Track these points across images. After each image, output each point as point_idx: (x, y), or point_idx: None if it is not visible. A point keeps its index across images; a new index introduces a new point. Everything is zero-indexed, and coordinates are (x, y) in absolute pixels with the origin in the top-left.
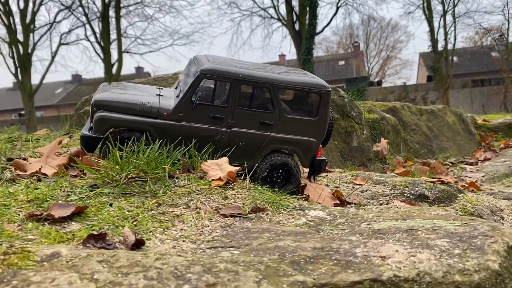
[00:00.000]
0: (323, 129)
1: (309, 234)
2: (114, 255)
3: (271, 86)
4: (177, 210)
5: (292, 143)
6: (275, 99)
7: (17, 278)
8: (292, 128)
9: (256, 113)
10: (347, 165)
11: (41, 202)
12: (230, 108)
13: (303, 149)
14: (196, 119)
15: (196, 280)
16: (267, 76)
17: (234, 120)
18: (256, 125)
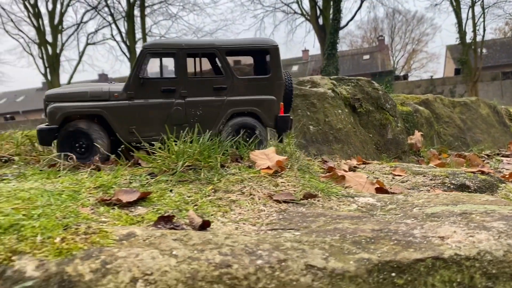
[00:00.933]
0: (279, 86)
1: (365, 218)
2: (186, 234)
3: (217, 49)
4: (232, 196)
5: (250, 103)
6: (224, 62)
7: (104, 254)
8: (248, 89)
9: (208, 79)
10: (382, 157)
11: (107, 189)
12: (180, 78)
13: (263, 108)
14: (148, 95)
15: (267, 256)
16: (212, 41)
17: (187, 90)
18: (210, 91)
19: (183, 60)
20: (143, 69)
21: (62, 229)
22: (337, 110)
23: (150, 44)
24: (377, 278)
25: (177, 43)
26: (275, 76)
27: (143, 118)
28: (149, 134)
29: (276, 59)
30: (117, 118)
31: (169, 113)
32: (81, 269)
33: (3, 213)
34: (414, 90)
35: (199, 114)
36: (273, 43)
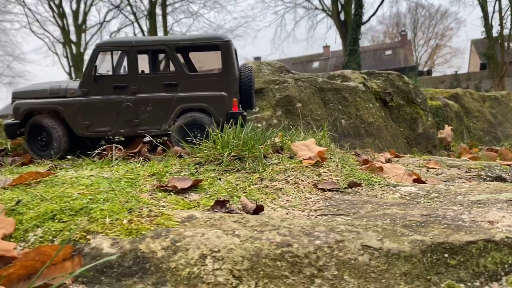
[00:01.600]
0: (231, 82)
1: (411, 205)
2: (244, 217)
3: (167, 46)
4: (278, 184)
5: (200, 99)
6: (174, 59)
7: (171, 233)
8: (198, 85)
9: (158, 76)
10: (413, 151)
11: (161, 177)
12: (131, 75)
13: (214, 104)
14: (100, 91)
15: (325, 237)
16: (162, 38)
17: (137, 87)
18: (161, 88)
19: (134, 58)
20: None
21: (127, 212)
22: (368, 104)
23: (102, 42)
24: (431, 259)
25: (128, 41)
26: (226, 72)
27: (95, 114)
28: (102, 129)
29: (227, 54)
30: (71, 113)
31: (120, 109)
32: (153, 247)
33: (72, 197)
34: (438, 86)
35: (149, 110)
36: (224, 38)
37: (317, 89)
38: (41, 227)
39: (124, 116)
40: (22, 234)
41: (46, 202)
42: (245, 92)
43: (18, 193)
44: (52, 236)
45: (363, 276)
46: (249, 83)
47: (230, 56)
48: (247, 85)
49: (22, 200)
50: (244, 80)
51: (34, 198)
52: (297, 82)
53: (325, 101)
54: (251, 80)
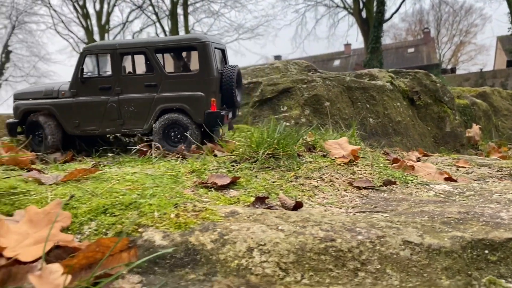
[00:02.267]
0: (209, 82)
1: (447, 202)
2: (285, 213)
3: (146, 48)
4: (313, 182)
5: (178, 99)
6: (154, 61)
7: (218, 227)
8: (177, 86)
9: (140, 77)
10: (440, 150)
11: (200, 174)
12: (115, 77)
13: (191, 104)
14: (88, 92)
15: (366, 232)
16: (141, 40)
17: (121, 88)
18: (142, 89)
19: (117, 60)
20: (82, 70)
21: (173, 207)
22: (396, 103)
23: (88, 46)
24: (471, 254)
25: (111, 44)
26: (204, 72)
27: (83, 113)
28: (89, 128)
29: (204, 55)
30: (62, 113)
31: (105, 109)
32: (203, 240)
33: (120, 193)
34: (462, 84)
35: (131, 110)
36: (201, 39)
37: (345, 88)
38: (94, 221)
39: (109, 116)
40: (78, 227)
41: (97, 197)
42: (227, 91)
43: (70, 188)
44: (106, 229)
45: (405, 270)
46: (230, 83)
47: (207, 57)
48: (229, 84)
49: (75, 195)
50: (225, 80)
51: (85, 193)
52: (325, 81)
53: (353, 100)
54: (232, 80)
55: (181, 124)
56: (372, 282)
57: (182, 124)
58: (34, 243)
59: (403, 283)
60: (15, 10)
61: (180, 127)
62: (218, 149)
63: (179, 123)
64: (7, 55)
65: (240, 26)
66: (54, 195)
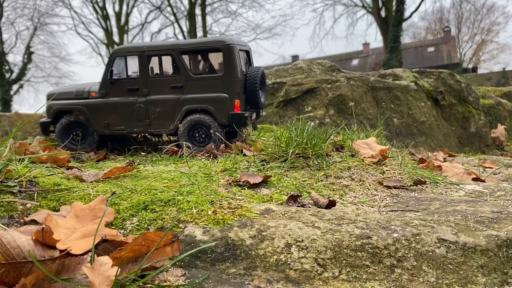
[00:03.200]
0: (233, 84)
1: (479, 202)
2: (319, 211)
3: (172, 51)
4: (343, 181)
5: (203, 101)
6: (180, 63)
7: (256, 224)
8: (202, 87)
9: (166, 79)
10: (465, 151)
11: (232, 172)
12: (143, 78)
13: (215, 105)
14: (117, 94)
15: (401, 230)
16: (169, 43)
17: (148, 89)
18: (168, 90)
19: (145, 62)
20: (111, 71)
21: (209, 204)
22: (420, 103)
23: (117, 48)
24: (507, 253)
25: (139, 47)
26: (228, 74)
27: (112, 114)
28: (118, 128)
29: (228, 57)
30: (92, 113)
31: (132, 110)
32: (242, 235)
33: (159, 190)
34: (484, 83)
35: (158, 111)
36: (226, 41)
37: (369, 88)
38: (135, 216)
39: (136, 116)
40: (121, 222)
41: (137, 194)
42: (251, 93)
43: (110, 185)
44: (147, 225)
45: (441, 267)
46: (254, 84)
47: (232, 59)
48: (253, 86)
49: (116, 192)
50: (249, 81)
51: (125, 190)
52: (349, 81)
53: (377, 100)
54: (256, 82)
55: (205, 124)
56: (408, 279)
57: (206, 125)
58: (82, 237)
59: (439, 280)
60: (37, 12)
61: (204, 127)
62: (247, 148)
63: (203, 123)
64: (29, 56)
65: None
66: (96, 192)
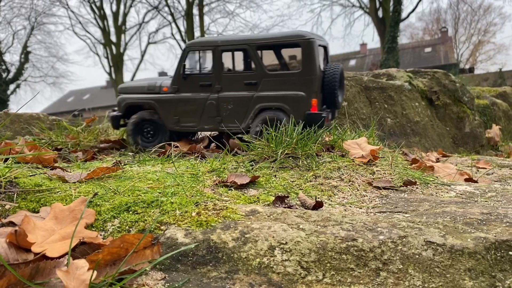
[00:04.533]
0: (311, 82)
1: (469, 203)
2: (305, 212)
3: (248, 45)
4: (333, 182)
5: (278, 99)
6: (255, 58)
7: (240, 225)
8: (277, 85)
9: (240, 75)
10: (459, 151)
11: (219, 173)
12: (216, 74)
13: (291, 104)
14: (189, 89)
15: (388, 232)
16: (244, 37)
17: (221, 85)
18: (241, 87)
19: (218, 57)
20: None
21: (193, 205)
22: (414, 103)
23: (191, 43)
24: (495, 256)
25: (213, 41)
26: (306, 71)
27: (183, 109)
28: (188, 124)
29: (307, 53)
30: (163, 108)
31: (204, 106)
32: (224, 238)
33: (142, 191)
34: (481, 84)
35: (230, 108)
36: (305, 36)
37: (363, 88)
38: (117, 218)
39: (208, 113)
40: (101, 224)
41: (120, 195)
42: (329, 91)
43: (92, 186)
44: (129, 227)
45: (428, 271)
46: (333, 83)
47: (311, 54)
48: (331, 84)
49: (98, 193)
50: (328, 80)
51: (107, 191)
52: None
53: (370, 99)
54: (335, 80)
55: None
56: (394, 282)
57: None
58: (60, 239)
59: (425, 284)
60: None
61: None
62: (239, 149)
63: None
64: (26, 55)
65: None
66: (78, 193)
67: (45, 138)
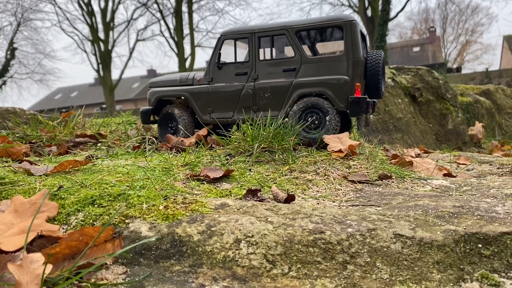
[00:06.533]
0: (354, 64)
1: (443, 197)
2: (276, 205)
3: (287, 31)
4: (308, 176)
5: (319, 84)
6: (294, 43)
7: (206, 219)
8: (318, 69)
9: (278, 61)
10: (442, 148)
11: (193, 166)
12: (252, 62)
13: (333, 89)
14: (223, 79)
15: (357, 225)
16: (282, 23)
17: (257, 73)
18: (279, 74)
19: (255, 44)
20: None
21: (162, 198)
22: (397, 99)
23: (226, 31)
24: (464, 248)
25: (250, 28)
26: (349, 54)
27: (217, 100)
28: (223, 116)
29: (351, 36)
30: (196, 100)
31: (239, 96)
32: (190, 231)
33: (110, 184)
34: (468, 83)
35: (267, 97)
36: (347, 18)
37: None
38: (82, 211)
39: (244, 103)
40: (65, 218)
41: (86, 188)
42: (372, 78)
43: (59, 179)
44: (93, 220)
45: (396, 264)
46: (376, 68)
47: (354, 37)
48: (374, 70)
49: (64, 186)
50: (371, 65)
51: (74, 184)
52: None
53: None
54: (379, 66)
55: (322, 109)
56: (361, 276)
57: (323, 110)
58: (18, 233)
59: (393, 277)
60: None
61: (319, 112)
62: (216, 143)
63: (319, 108)
64: (12, 52)
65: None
66: (43, 186)
67: (19, 133)
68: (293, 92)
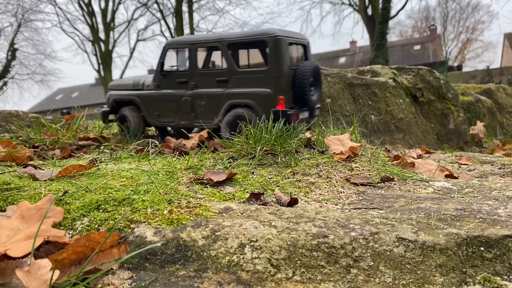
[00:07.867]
0: (277, 79)
1: (445, 199)
2: (279, 209)
3: (220, 43)
4: (311, 179)
5: (246, 96)
6: (226, 55)
7: (211, 223)
8: (246, 82)
9: (213, 72)
10: (443, 148)
11: (196, 170)
12: (191, 71)
13: (257, 101)
14: (167, 86)
15: (360, 229)
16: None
17: (195, 82)
18: (214, 84)
19: (194, 54)
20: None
21: (166, 203)
22: (398, 100)
23: (170, 41)
24: (466, 252)
25: (189, 39)
26: (272, 68)
27: (162, 106)
28: (166, 120)
29: (274, 50)
30: (144, 104)
31: (180, 103)
32: (194, 236)
33: (114, 189)
34: (469, 81)
35: (203, 105)
36: (272, 33)
37: (347, 85)
38: (87, 216)
39: (183, 110)
40: (70, 223)
41: (91, 193)
42: (299, 89)
43: (64, 184)
44: (98, 225)
45: (399, 267)
46: (302, 81)
47: (277, 52)
48: (301, 82)
49: (69, 191)
50: (298, 77)
51: (79, 189)
52: (326, 77)
53: (354, 96)
54: (305, 77)
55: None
56: (364, 279)
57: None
58: (24, 238)
59: (396, 281)
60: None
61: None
62: (219, 146)
63: (244, 119)
64: (13, 53)
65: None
66: (48, 191)
67: (23, 136)
68: (225, 102)
